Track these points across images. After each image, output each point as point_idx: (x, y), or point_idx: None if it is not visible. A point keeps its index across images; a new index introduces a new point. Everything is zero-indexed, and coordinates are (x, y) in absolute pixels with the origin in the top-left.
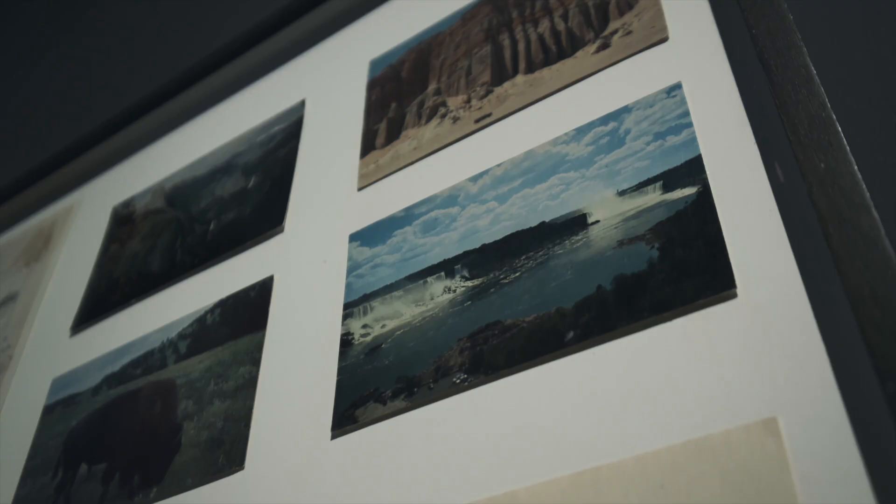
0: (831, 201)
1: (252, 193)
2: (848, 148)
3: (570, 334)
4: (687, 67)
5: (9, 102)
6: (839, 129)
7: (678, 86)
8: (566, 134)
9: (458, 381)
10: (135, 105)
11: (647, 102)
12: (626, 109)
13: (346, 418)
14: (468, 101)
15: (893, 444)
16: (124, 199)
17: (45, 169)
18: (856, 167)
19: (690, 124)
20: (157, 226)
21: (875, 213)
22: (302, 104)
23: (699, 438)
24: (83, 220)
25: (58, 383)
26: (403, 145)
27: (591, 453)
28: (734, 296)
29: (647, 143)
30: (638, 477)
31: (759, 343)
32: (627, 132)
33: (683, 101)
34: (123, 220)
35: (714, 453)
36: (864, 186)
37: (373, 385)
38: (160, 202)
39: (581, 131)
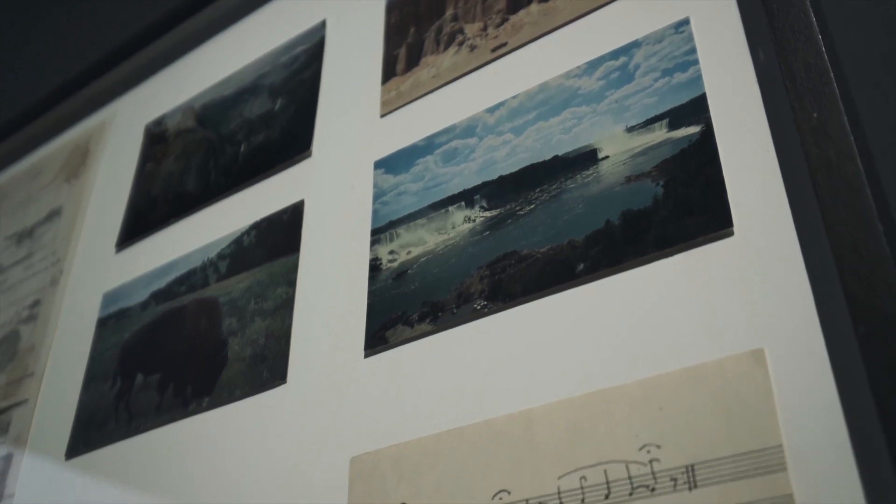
0: (821, 150)
1: (279, 116)
2: (839, 98)
3: (581, 266)
4: (695, 2)
5: (40, 17)
6: (832, 77)
7: (686, 21)
8: (578, 67)
9: (478, 307)
10: (160, 20)
11: (656, 37)
12: (635, 44)
13: (377, 339)
14: (485, 28)
15: (863, 377)
16: (155, 117)
17: (75, 83)
18: (845, 117)
19: (697, 62)
20: (189, 145)
21: (860, 164)
22: (323, 24)
23: (695, 366)
24: (117, 137)
25: (108, 297)
26: (423, 73)
27: (599, 377)
28: (731, 234)
29: (655, 80)
30: (640, 399)
31: (751, 280)
32: (637, 67)
33: (691, 38)
34: (157, 138)
35: (708, 380)
36: (851, 137)
37: (400, 308)
38: (191, 121)
39: (592, 65)
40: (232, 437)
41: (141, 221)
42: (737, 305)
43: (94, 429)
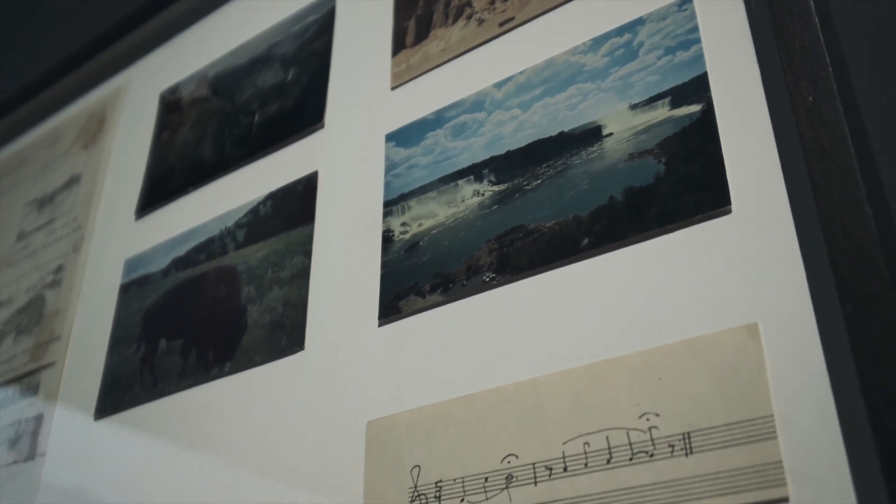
0: (815, 133)
1: (291, 87)
2: (834, 82)
3: (585, 241)
4: None
5: None
6: (828, 62)
7: None
8: (584, 44)
9: (487, 279)
10: None
11: (660, 14)
12: (639, 21)
13: (390, 308)
14: (492, 2)
15: (848, 352)
16: (169, 85)
17: (89, 50)
18: (839, 102)
19: (699, 40)
20: (203, 114)
21: (852, 148)
22: None
23: (693, 339)
24: (133, 104)
25: (130, 264)
26: (432, 45)
27: (602, 348)
28: (729, 212)
29: (659, 58)
30: (640, 370)
31: (747, 257)
32: (641, 45)
33: (693, 16)
34: (172, 106)
35: (704, 352)
36: (844, 121)
37: (412, 279)
38: (205, 90)
39: (598, 42)
40: (253, 401)
41: (159, 190)
42: (733, 281)
43: (120, 391)
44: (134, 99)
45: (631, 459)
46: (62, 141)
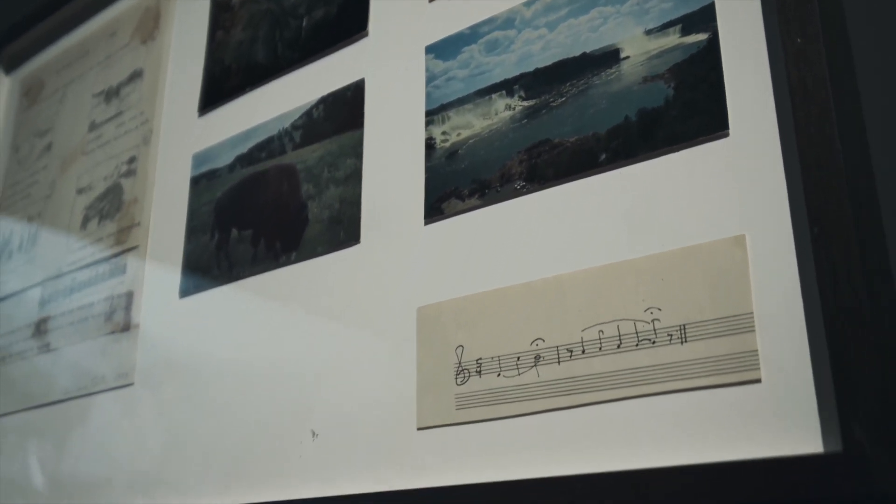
0: (800, 73)
1: None
2: (820, 26)
3: (603, 156)
4: None
5: None
6: (817, 6)
7: None
8: None
9: (518, 187)
10: None
11: None
12: None
13: (434, 209)
14: None
15: (812, 264)
16: None
17: None
18: (822, 43)
19: None
20: (254, 16)
21: (830, 90)
22: None
23: (691, 246)
24: (185, 1)
25: (197, 158)
26: None
27: (615, 251)
28: (727, 135)
29: None
30: (646, 271)
31: (740, 176)
32: None
33: None
34: (223, 6)
35: (701, 258)
36: (825, 61)
37: (453, 184)
38: None
39: None
40: (317, 287)
41: (218, 88)
42: (726, 197)
43: (200, 273)
44: None
45: (637, 345)
46: (121, 34)
